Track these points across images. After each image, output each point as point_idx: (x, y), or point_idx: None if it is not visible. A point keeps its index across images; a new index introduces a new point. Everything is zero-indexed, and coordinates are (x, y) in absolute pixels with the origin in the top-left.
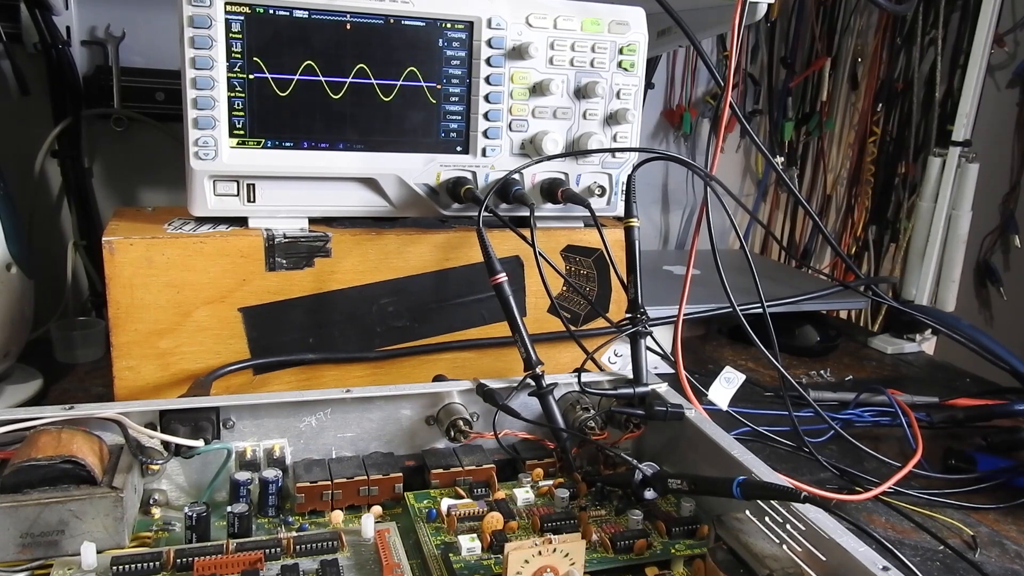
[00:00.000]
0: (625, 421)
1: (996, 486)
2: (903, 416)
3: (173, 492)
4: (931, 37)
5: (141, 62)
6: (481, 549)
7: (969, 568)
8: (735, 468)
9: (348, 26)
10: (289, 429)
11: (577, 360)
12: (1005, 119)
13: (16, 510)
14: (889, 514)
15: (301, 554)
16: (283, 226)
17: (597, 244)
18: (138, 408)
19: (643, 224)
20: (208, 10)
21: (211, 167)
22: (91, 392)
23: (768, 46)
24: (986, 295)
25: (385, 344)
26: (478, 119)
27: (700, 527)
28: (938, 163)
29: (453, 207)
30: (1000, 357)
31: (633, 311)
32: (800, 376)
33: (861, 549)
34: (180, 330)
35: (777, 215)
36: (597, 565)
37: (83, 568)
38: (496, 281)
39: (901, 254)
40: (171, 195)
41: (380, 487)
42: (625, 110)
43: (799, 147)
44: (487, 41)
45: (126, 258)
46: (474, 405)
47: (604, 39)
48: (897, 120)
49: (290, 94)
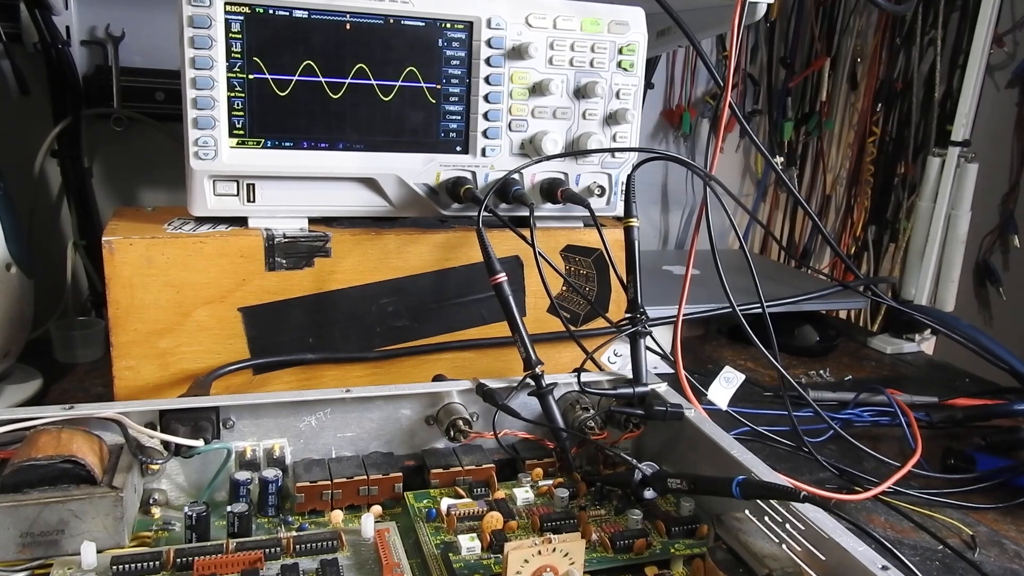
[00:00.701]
0: (625, 421)
1: (995, 486)
2: (902, 416)
3: (173, 492)
4: (931, 37)
5: (141, 62)
6: (481, 549)
7: (968, 568)
8: (735, 468)
9: (348, 26)
10: (289, 429)
11: (577, 360)
12: (1005, 119)
13: (16, 510)
14: (888, 514)
15: (301, 554)
16: (283, 226)
17: (597, 244)
18: (138, 408)
19: (643, 224)
20: (208, 10)
21: (211, 167)
22: (91, 392)
23: (768, 46)
24: (985, 295)
25: (385, 344)
26: (478, 119)
27: (700, 527)
28: (937, 163)
29: (453, 207)
30: (999, 357)
31: (633, 311)
32: (800, 376)
33: (860, 549)
34: (180, 330)
35: (777, 215)
36: (597, 565)
37: (83, 568)
38: (496, 281)
39: (900, 254)
40: (171, 195)
41: (380, 487)
42: (625, 110)
43: (798, 147)
44: (487, 41)
45: (126, 258)
46: (474, 405)
47: (604, 39)
48: (897, 120)
49: (290, 94)
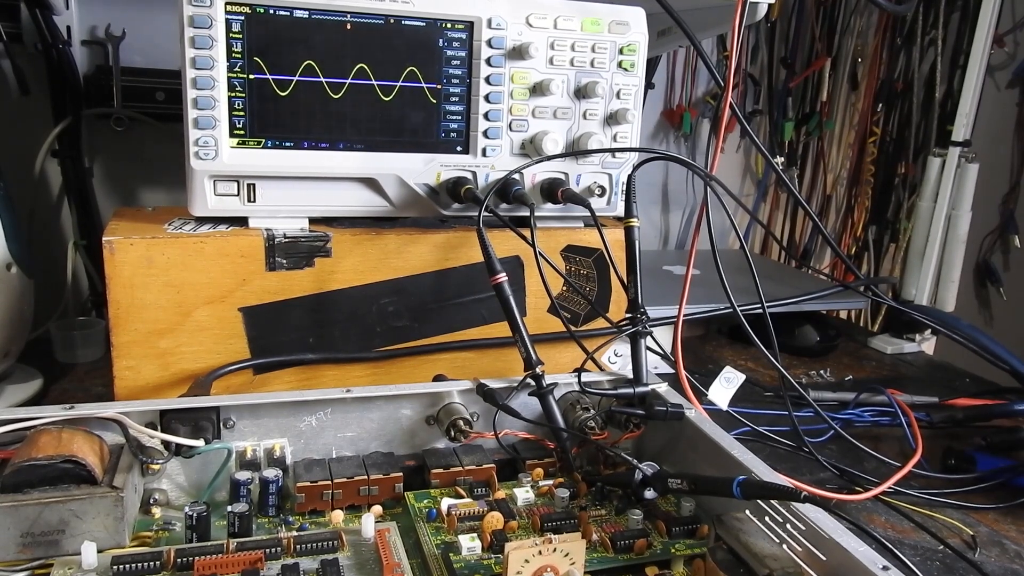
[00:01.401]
0: (625, 421)
1: (996, 486)
2: (903, 416)
3: (173, 492)
4: (931, 37)
5: (141, 62)
6: (481, 549)
7: (969, 568)
8: (735, 468)
9: (348, 26)
10: (289, 429)
11: (577, 360)
12: (1005, 119)
13: (16, 510)
14: (889, 514)
15: (301, 554)
16: (283, 226)
17: (597, 244)
18: (138, 408)
19: (643, 224)
20: (208, 10)
21: (211, 167)
22: (91, 392)
23: (768, 46)
24: (986, 295)
25: (385, 344)
26: (478, 119)
27: (700, 527)
28: (938, 163)
29: (453, 207)
30: (999, 357)
31: (633, 311)
32: (800, 376)
33: (861, 549)
34: (180, 330)
35: (777, 215)
36: (597, 565)
37: (83, 568)
38: (496, 281)
39: (901, 254)
40: (171, 195)
41: (380, 487)
42: (625, 110)
43: (799, 147)
44: (487, 41)
45: (126, 258)
46: (474, 405)
47: (604, 39)
48: (897, 120)
49: (290, 94)
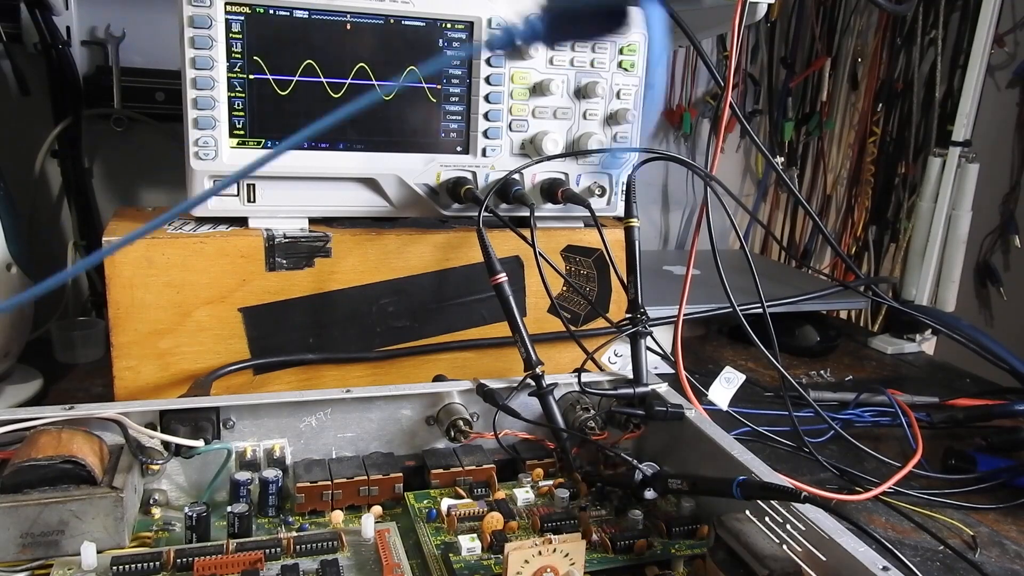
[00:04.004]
0: (625, 421)
1: (996, 486)
2: (903, 416)
3: (173, 492)
4: (931, 37)
5: (141, 62)
6: (481, 549)
7: (969, 568)
8: (735, 468)
9: (348, 26)
10: (289, 429)
11: (577, 360)
12: (1005, 119)
13: (16, 510)
14: (889, 514)
15: (301, 554)
16: (283, 226)
17: (597, 244)
18: (138, 408)
19: (643, 224)
20: (208, 10)
21: (211, 167)
22: (91, 392)
23: (768, 46)
24: (986, 295)
25: (385, 344)
26: (478, 119)
27: (700, 527)
28: (938, 163)
29: (453, 207)
30: (1000, 357)
31: (633, 311)
32: (800, 376)
33: (861, 549)
34: (180, 330)
35: (777, 215)
36: (597, 565)
37: (83, 568)
38: (496, 281)
39: (901, 254)
40: (171, 195)
41: (380, 487)
42: (625, 110)
43: (799, 147)
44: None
45: (126, 258)
46: (474, 405)
47: (604, 39)
48: (897, 120)
49: (290, 94)
